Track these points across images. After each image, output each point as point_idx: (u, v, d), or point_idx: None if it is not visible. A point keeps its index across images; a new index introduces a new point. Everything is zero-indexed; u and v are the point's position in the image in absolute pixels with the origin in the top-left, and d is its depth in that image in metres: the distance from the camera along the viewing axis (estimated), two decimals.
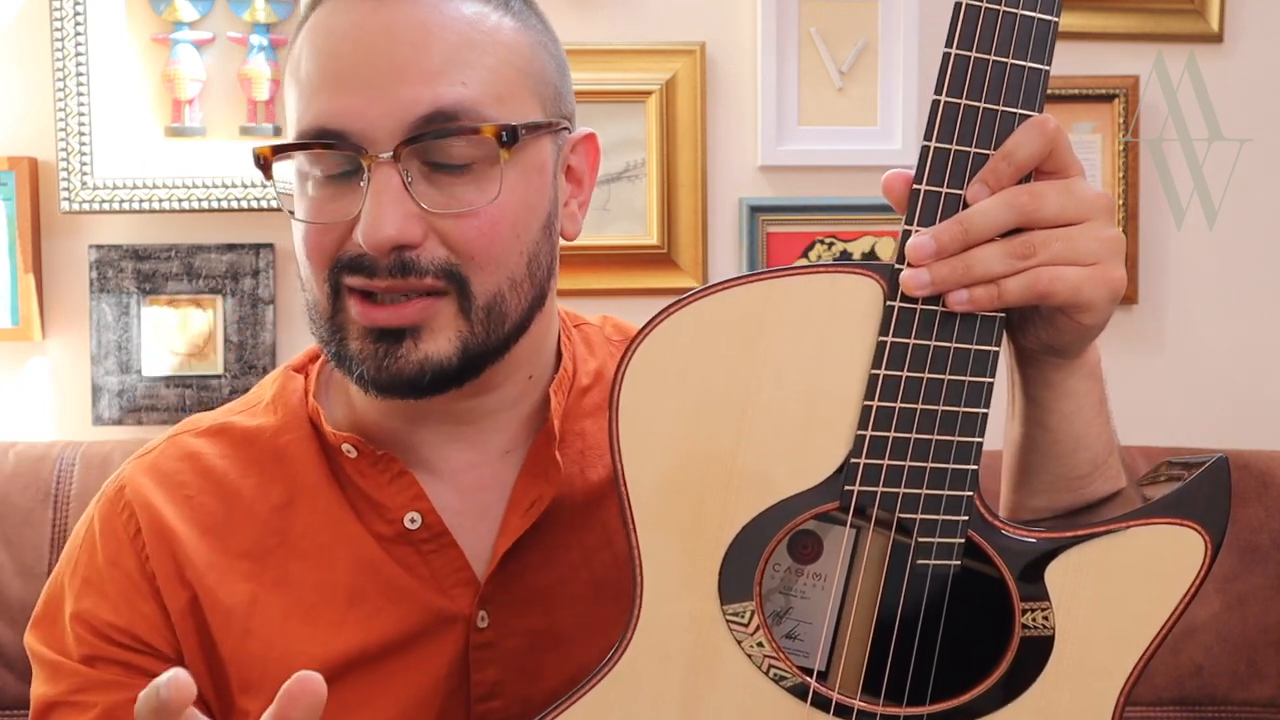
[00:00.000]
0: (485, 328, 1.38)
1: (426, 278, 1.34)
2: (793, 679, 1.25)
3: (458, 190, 1.35)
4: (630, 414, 1.23)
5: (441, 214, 1.34)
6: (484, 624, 1.44)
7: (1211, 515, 1.29)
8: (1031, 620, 1.27)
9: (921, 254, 1.21)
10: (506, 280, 1.38)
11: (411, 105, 1.31)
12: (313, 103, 1.35)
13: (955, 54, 1.22)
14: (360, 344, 1.37)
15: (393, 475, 1.46)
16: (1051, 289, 1.23)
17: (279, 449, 1.49)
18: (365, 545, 1.45)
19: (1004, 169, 1.22)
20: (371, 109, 1.32)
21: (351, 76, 1.33)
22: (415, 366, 1.35)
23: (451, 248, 1.35)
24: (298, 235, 1.40)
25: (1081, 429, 1.38)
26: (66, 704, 1.42)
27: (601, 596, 1.46)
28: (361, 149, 1.32)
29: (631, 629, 1.25)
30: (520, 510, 1.46)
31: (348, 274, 1.35)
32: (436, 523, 1.45)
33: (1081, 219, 1.24)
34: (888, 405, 1.23)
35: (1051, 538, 1.28)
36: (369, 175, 1.32)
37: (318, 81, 1.35)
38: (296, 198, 1.40)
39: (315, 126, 1.34)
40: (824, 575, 1.32)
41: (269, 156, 1.38)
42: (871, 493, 1.24)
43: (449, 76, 1.33)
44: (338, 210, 1.35)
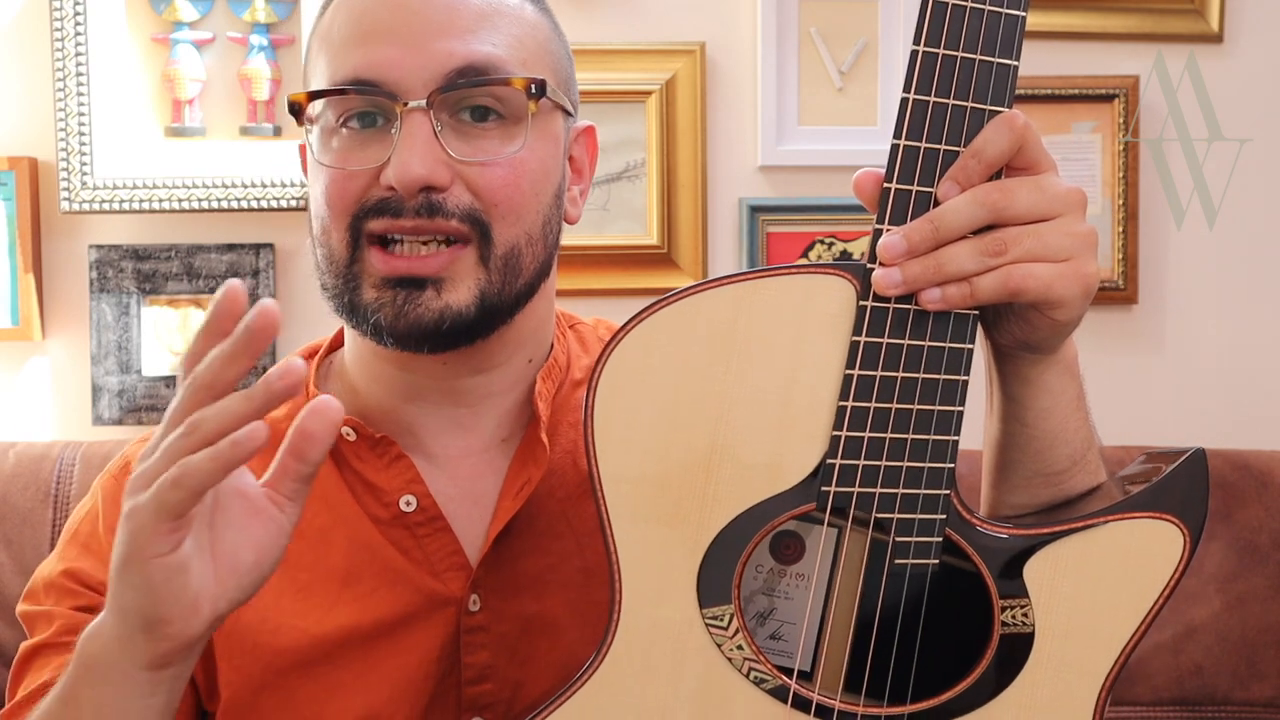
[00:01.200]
0: (502, 277, 1.42)
1: (452, 220, 1.39)
2: (773, 681, 1.26)
3: (484, 142, 1.41)
4: (605, 416, 1.24)
5: (468, 162, 1.39)
6: (476, 608, 1.46)
7: (1189, 508, 1.30)
8: (1011, 617, 1.28)
9: (893, 253, 1.22)
10: (524, 234, 1.43)
11: (445, 58, 1.38)
12: (349, 56, 1.40)
13: (923, 51, 1.24)
14: (377, 292, 1.40)
15: (390, 459, 1.49)
16: (1024, 286, 1.23)
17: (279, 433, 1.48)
18: (361, 527, 1.47)
19: (974, 166, 1.23)
20: (407, 60, 1.38)
21: (387, 32, 1.39)
22: (435, 314, 1.39)
23: (476, 194, 1.40)
24: (319, 186, 1.43)
25: (1059, 424, 1.38)
26: (50, 645, 1.44)
27: (592, 582, 1.47)
28: (395, 96, 1.38)
29: (611, 634, 1.26)
30: (510, 494, 1.48)
31: (372, 219, 1.40)
32: (431, 506, 1.48)
33: (1053, 214, 1.25)
34: (863, 405, 1.23)
35: (1029, 534, 1.29)
36: (401, 121, 1.37)
37: (354, 38, 1.41)
38: (319, 150, 1.43)
39: (351, 76, 1.39)
40: (806, 576, 1.32)
41: (304, 102, 1.43)
42: (848, 493, 1.24)
43: (479, 36, 1.40)
44: (365, 158, 1.40)
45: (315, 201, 1.45)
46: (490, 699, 1.46)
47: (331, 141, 1.42)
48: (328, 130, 1.43)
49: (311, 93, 1.42)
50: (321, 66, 1.44)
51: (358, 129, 1.41)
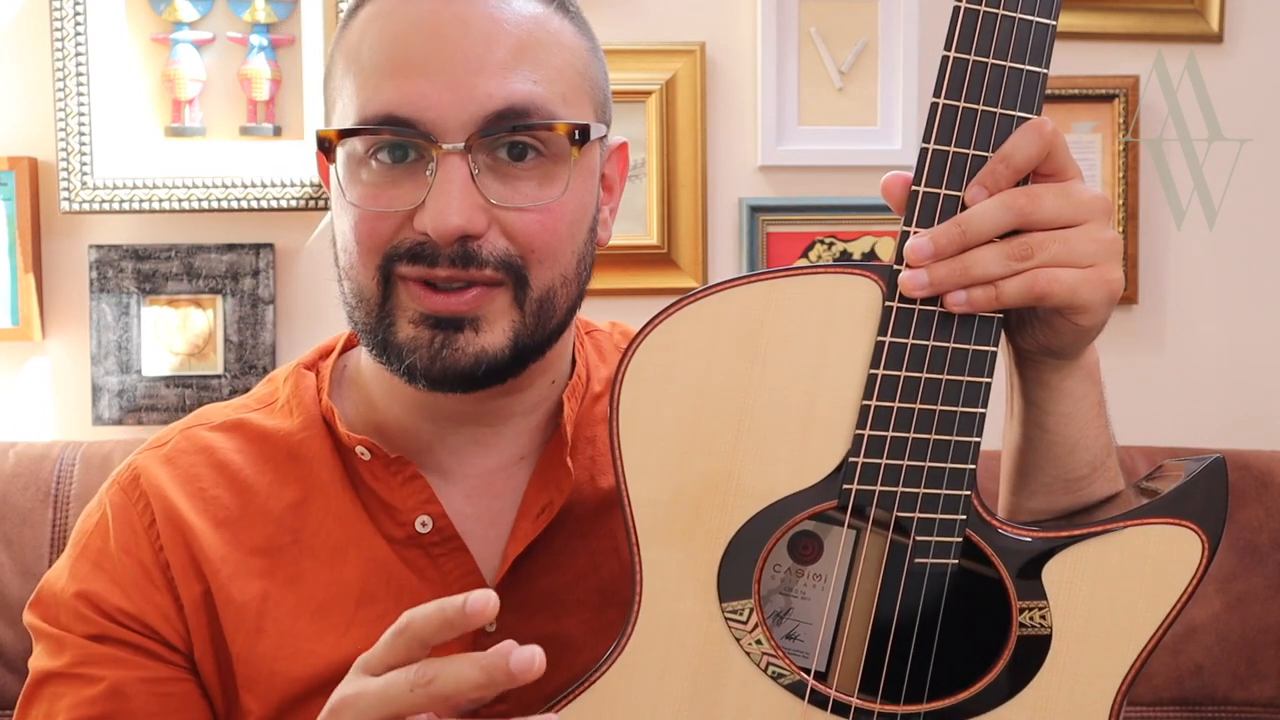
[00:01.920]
0: (536, 320, 1.40)
1: (487, 269, 1.35)
2: (791, 677, 1.26)
3: (523, 185, 1.37)
4: (630, 413, 1.24)
5: (506, 208, 1.36)
6: (492, 629, 1.44)
7: (1209, 516, 1.30)
8: (1029, 619, 1.28)
9: (920, 255, 1.22)
10: (559, 277, 1.41)
11: (485, 99, 1.34)
12: (381, 88, 1.35)
13: (954, 57, 1.24)
14: (414, 331, 1.37)
15: (405, 478, 1.47)
16: (1049, 290, 1.24)
17: (294, 448, 1.50)
18: (377, 547, 1.46)
19: (1002, 171, 1.24)
20: (445, 99, 1.33)
21: (424, 65, 1.34)
22: (471, 359, 1.37)
23: (513, 240, 1.36)
24: (347, 221, 1.40)
25: (1079, 430, 1.38)
26: (69, 676, 1.42)
27: (609, 603, 1.47)
28: (432, 138, 1.33)
29: (631, 626, 1.26)
30: (531, 516, 1.47)
31: (405, 263, 1.36)
32: (447, 526, 1.46)
33: (1079, 221, 1.25)
34: (886, 405, 1.23)
35: (1049, 537, 1.29)
36: (437, 164, 1.33)
37: (387, 68, 1.36)
38: (347, 184, 1.39)
39: (385, 113, 1.35)
40: (824, 576, 1.33)
41: (335, 140, 1.38)
42: (870, 491, 1.25)
43: (520, 73, 1.36)
44: (396, 198, 1.36)
45: (343, 235, 1.41)
46: None
47: (360, 174, 1.38)
48: (355, 160, 1.39)
49: (343, 131, 1.37)
50: (350, 92, 1.39)
51: (388, 163, 1.37)
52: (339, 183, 1.40)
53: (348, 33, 1.43)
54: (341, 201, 1.40)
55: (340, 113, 1.41)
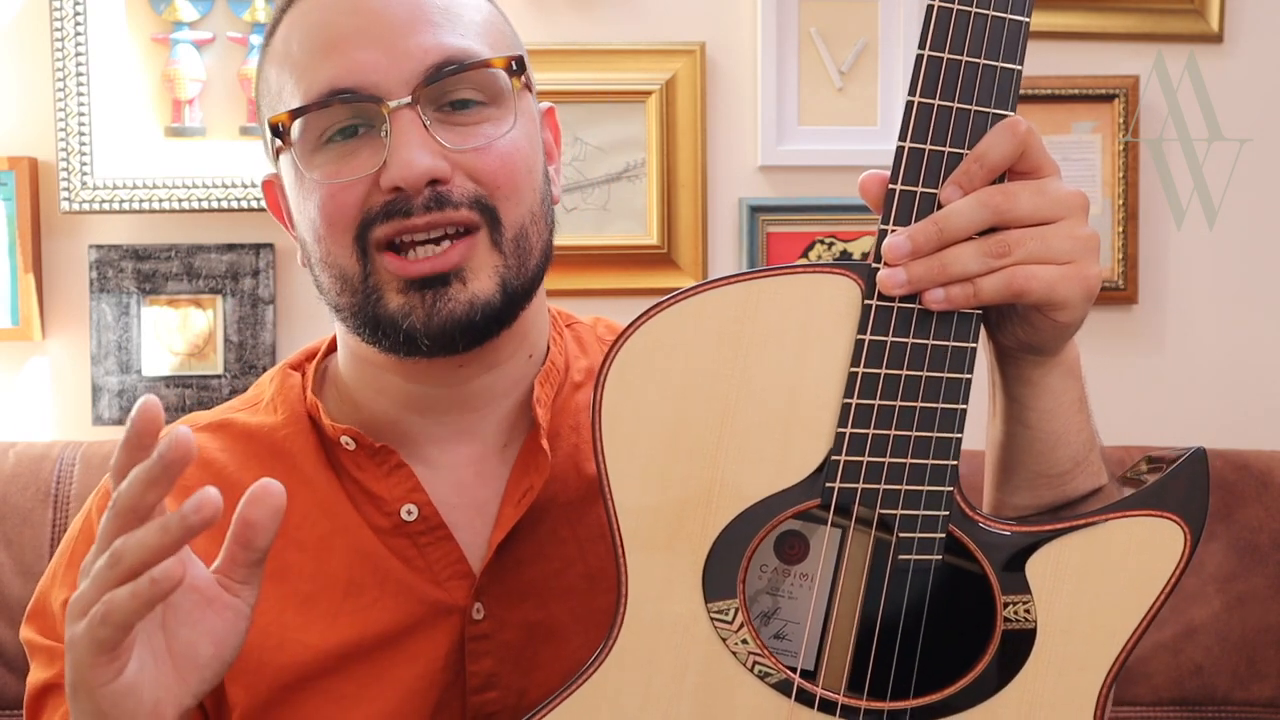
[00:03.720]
0: (517, 260, 1.43)
1: (462, 209, 1.39)
2: (777, 675, 1.26)
3: (474, 129, 1.41)
4: (613, 413, 1.25)
5: (463, 150, 1.40)
6: (480, 616, 1.46)
7: (1190, 507, 1.30)
8: (1013, 614, 1.28)
9: (897, 254, 1.23)
10: (528, 213, 1.44)
11: (421, 55, 1.39)
12: (320, 69, 1.40)
13: (928, 55, 1.24)
14: (403, 299, 1.40)
15: (390, 468, 1.48)
16: (1026, 287, 1.24)
17: (278, 443, 1.51)
18: (362, 537, 1.47)
19: (977, 170, 1.24)
20: (382, 62, 1.38)
21: (356, 37, 1.39)
22: (465, 306, 1.39)
23: (479, 180, 1.40)
24: (313, 206, 1.42)
25: (1061, 426, 1.39)
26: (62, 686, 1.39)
27: (596, 589, 1.47)
28: (378, 99, 1.37)
29: (617, 628, 1.26)
30: (513, 501, 1.48)
31: (379, 225, 1.39)
32: (433, 515, 1.47)
33: (1056, 218, 1.26)
34: (867, 403, 1.24)
35: (1032, 531, 1.29)
36: (390, 123, 1.37)
37: (319, 50, 1.41)
38: (306, 170, 1.42)
39: (329, 88, 1.39)
40: (810, 576, 1.33)
41: (288, 121, 1.41)
42: (852, 489, 1.25)
43: (447, 28, 1.41)
44: (358, 166, 1.39)
45: (310, 224, 1.44)
46: (495, 707, 1.46)
47: (315, 159, 1.41)
48: (309, 150, 1.42)
49: (294, 110, 1.41)
50: (290, 86, 1.43)
51: (341, 141, 1.41)
52: (297, 171, 1.43)
53: (272, 45, 1.48)
54: (303, 190, 1.43)
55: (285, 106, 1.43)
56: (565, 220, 2.86)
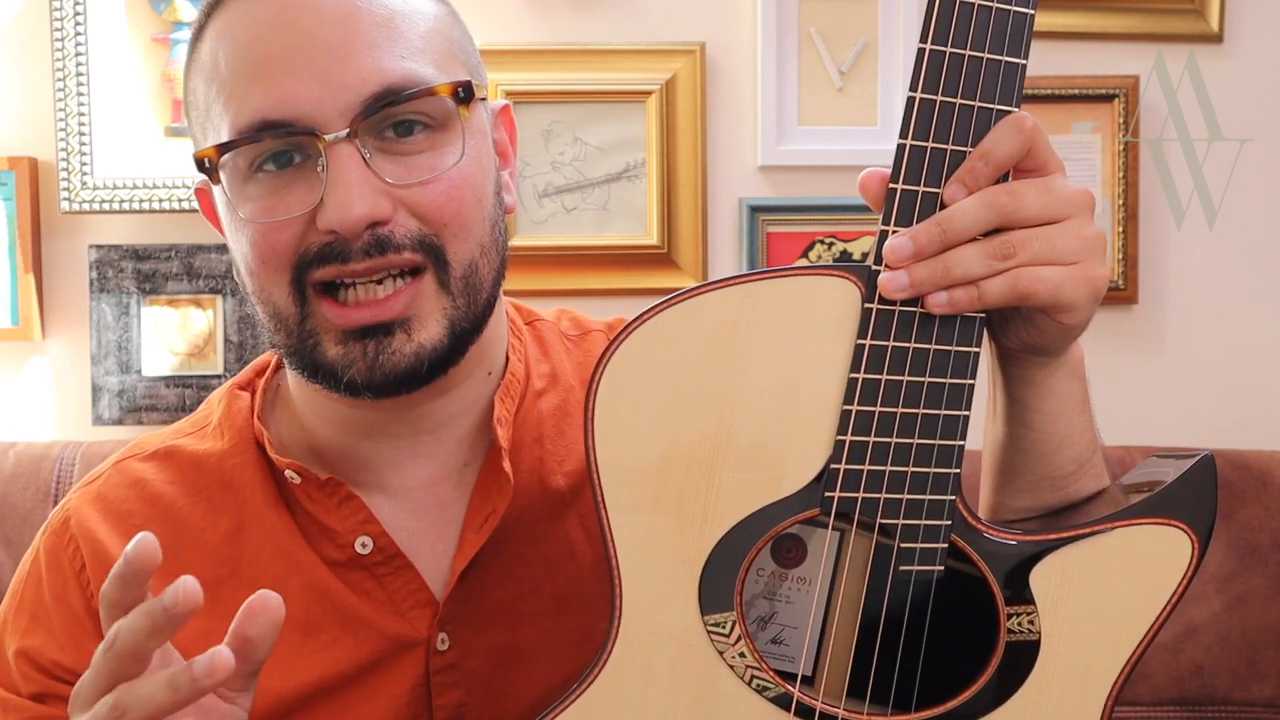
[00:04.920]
0: (466, 299, 1.35)
1: (404, 252, 1.31)
2: (776, 689, 1.25)
3: (417, 159, 1.32)
4: (606, 421, 1.22)
5: (406, 186, 1.31)
6: (444, 646, 1.42)
7: (1198, 515, 1.28)
8: (1017, 625, 1.27)
9: (899, 256, 1.20)
10: (478, 246, 1.36)
11: (359, 84, 1.29)
12: (249, 96, 1.30)
13: (930, 49, 1.21)
14: (343, 348, 1.33)
15: (340, 499, 1.42)
16: (1032, 289, 1.21)
17: (225, 474, 1.45)
18: (317, 572, 1.42)
19: (981, 168, 1.21)
20: (316, 92, 1.28)
21: (287, 62, 1.29)
22: (410, 359, 1.32)
23: (422, 218, 1.32)
24: (244, 243, 1.34)
25: (1065, 428, 1.36)
26: None
27: (566, 609, 1.45)
28: (314, 131, 1.28)
29: (611, 641, 1.24)
30: (475, 526, 1.43)
31: (317, 267, 1.31)
32: (389, 545, 1.42)
33: (1062, 217, 1.23)
34: (867, 409, 1.22)
35: (1036, 540, 1.27)
36: (326, 158, 1.29)
37: (249, 74, 1.31)
38: (238, 203, 1.33)
39: (259, 119, 1.29)
40: (808, 579, 1.31)
41: (215, 158, 1.32)
42: (852, 499, 1.23)
43: (387, 50, 1.31)
44: (292, 204, 1.31)
45: (243, 258, 1.35)
46: None
47: (247, 189, 1.32)
48: (239, 179, 1.33)
49: (221, 145, 1.31)
50: (219, 110, 1.33)
51: (274, 170, 1.31)
52: (229, 204, 1.34)
53: (199, 54, 1.38)
54: (235, 223, 1.35)
55: (214, 134, 1.34)
56: (565, 220, 2.86)
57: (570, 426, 1.51)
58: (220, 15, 1.36)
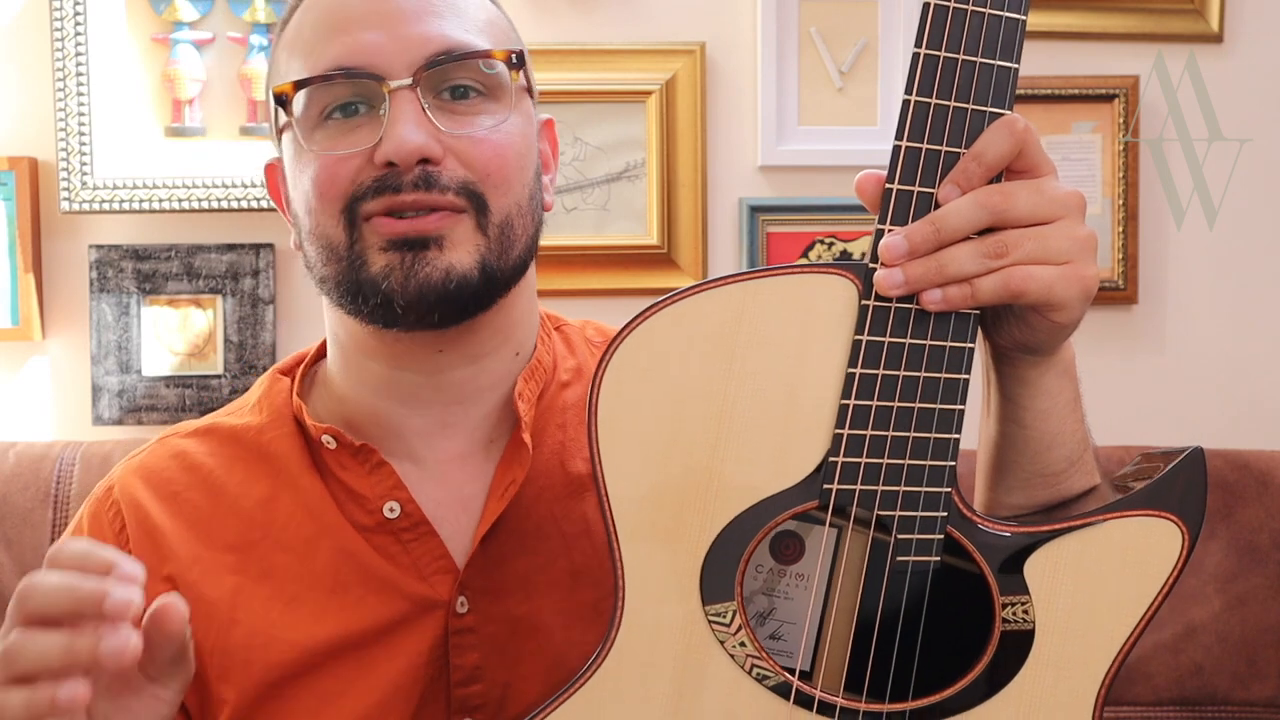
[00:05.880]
0: (499, 245, 1.45)
1: (449, 193, 1.41)
2: (776, 678, 1.26)
3: (470, 118, 1.45)
4: (609, 415, 1.25)
5: (458, 136, 1.43)
6: (463, 610, 1.47)
7: (1188, 506, 1.31)
8: (1012, 614, 1.28)
9: (894, 254, 1.23)
10: (515, 205, 1.47)
11: (424, 42, 1.42)
12: (327, 48, 1.43)
13: (924, 53, 1.24)
14: (384, 259, 1.42)
15: (372, 466, 1.50)
16: (1024, 288, 1.24)
17: (263, 445, 1.54)
18: (346, 535, 1.49)
19: (974, 169, 1.24)
20: (388, 45, 1.42)
21: (362, 19, 1.43)
22: (441, 274, 1.41)
23: (469, 167, 1.43)
24: (307, 178, 1.45)
25: (1056, 426, 1.39)
26: None
27: (579, 584, 1.49)
28: (380, 78, 1.41)
29: (614, 630, 1.26)
30: (497, 495, 1.49)
31: (369, 199, 1.41)
32: (415, 511, 1.49)
33: (1053, 218, 1.26)
34: (865, 403, 1.24)
35: (1030, 532, 1.29)
36: (389, 101, 1.41)
37: (328, 31, 1.45)
38: (305, 143, 1.45)
39: (333, 64, 1.43)
40: (806, 576, 1.33)
41: (290, 92, 1.44)
42: (850, 491, 1.25)
43: (453, 21, 1.45)
44: (355, 141, 1.42)
45: (303, 196, 1.47)
46: (480, 700, 1.47)
47: (315, 134, 1.44)
48: (309, 125, 1.45)
49: (297, 81, 1.44)
50: (297, 64, 1.47)
51: (341, 118, 1.44)
52: (297, 144, 1.46)
53: (285, 31, 1.52)
54: (300, 163, 1.46)
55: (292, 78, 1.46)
56: (565, 220, 2.86)
57: None
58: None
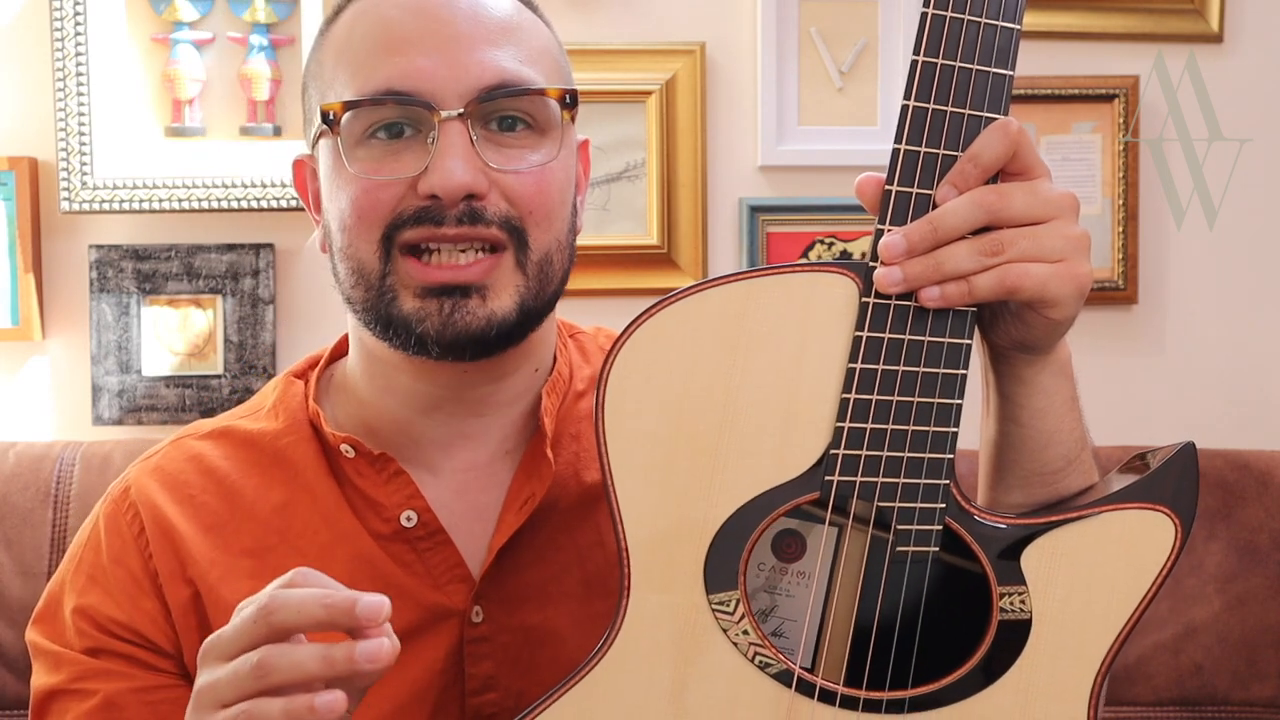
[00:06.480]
0: (538, 283, 1.45)
1: (492, 228, 1.41)
2: (778, 666, 1.28)
3: (516, 152, 1.43)
4: (615, 410, 1.26)
5: (504, 171, 1.41)
6: (479, 619, 1.47)
7: (1180, 499, 1.32)
8: (1009, 604, 1.30)
9: (893, 252, 1.25)
10: (555, 241, 1.47)
11: (480, 72, 1.40)
12: (380, 67, 1.41)
13: (923, 61, 1.27)
14: (420, 303, 1.41)
15: (390, 475, 1.50)
16: (1019, 284, 1.26)
17: (279, 451, 1.53)
18: (363, 543, 1.49)
19: (970, 170, 1.27)
20: (441, 72, 1.40)
21: (419, 43, 1.41)
22: (483, 322, 1.41)
23: (512, 202, 1.42)
24: (343, 199, 1.43)
25: (1054, 424, 1.41)
26: (67, 692, 1.45)
27: (593, 594, 1.50)
28: (431, 106, 1.39)
29: (620, 619, 1.28)
30: (514, 508, 1.50)
31: (410, 228, 1.40)
32: (432, 520, 1.49)
33: (1047, 217, 1.28)
34: (865, 398, 1.25)
35: (1026, 524, 1.31)
36: (438, 131, 1.39)
37: (382, 49, 1.42)
38: (347, 161, 1.43)
39: (385, 86, 1.41)
40: (807, 573, 1.34)
41: (339, 111, 1.42)
42: (850, 483, 1.26)
43: (507, 50, 1.43)
44: (399, 167, 1.41)
45: (339, 214, 1.45)
46: (494, 709, 1.48)
47: (357, 152, 1.43)
48: (352, 141, 1.43)
49: (348, 101, 1.42)
50: (345, 78, 1.44)
51: (385, 139, 1.42)
52: (338, 159, 1.44)
53: (332, 31, 1.49)
54: (339, 179, 1.44)
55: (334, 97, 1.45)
56: None
57: None
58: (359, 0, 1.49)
